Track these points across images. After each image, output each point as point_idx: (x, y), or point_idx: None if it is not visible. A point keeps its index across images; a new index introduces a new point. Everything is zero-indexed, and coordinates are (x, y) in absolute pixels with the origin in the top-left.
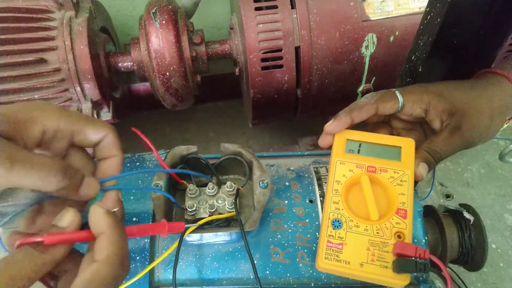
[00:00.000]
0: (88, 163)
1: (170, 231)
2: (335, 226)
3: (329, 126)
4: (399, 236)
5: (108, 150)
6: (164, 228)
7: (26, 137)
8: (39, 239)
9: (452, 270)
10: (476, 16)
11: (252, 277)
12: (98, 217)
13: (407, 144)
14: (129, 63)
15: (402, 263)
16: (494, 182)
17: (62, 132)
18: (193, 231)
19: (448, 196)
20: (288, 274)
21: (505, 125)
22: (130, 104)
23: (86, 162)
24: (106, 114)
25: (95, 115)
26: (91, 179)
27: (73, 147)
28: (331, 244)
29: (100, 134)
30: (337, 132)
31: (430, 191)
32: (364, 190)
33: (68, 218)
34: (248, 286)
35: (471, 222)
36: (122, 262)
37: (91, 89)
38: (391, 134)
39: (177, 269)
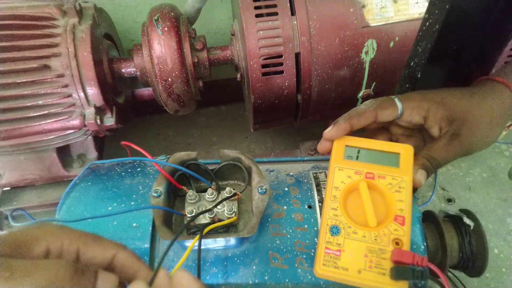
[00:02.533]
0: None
1: None
2: (333, 233)
3: (328, 132)
4: (397, 243)
5: (125, 269)
6: None
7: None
8: None
9: (453, 275)
10: (475, 22)
11: (251, 282)
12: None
13: (405, 151)
14: (132, 69)
15: (399, 270)
16: (496, 186)
17: (67, 251)
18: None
19: (450, 200)
20: (286, 280)
21: (504, 133)
22: (134, 109)
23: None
24: (109, 119)
25: (98, 121)
26: (105, 273)
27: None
28: (329, 251)
29: (107, 253)
30: (336, 138)
31: (431, 195)
32: (362, 196)
33: None
34: None
35: (471, 228)
36: None
37: (94, 95)
38: (390, 140)
39: None
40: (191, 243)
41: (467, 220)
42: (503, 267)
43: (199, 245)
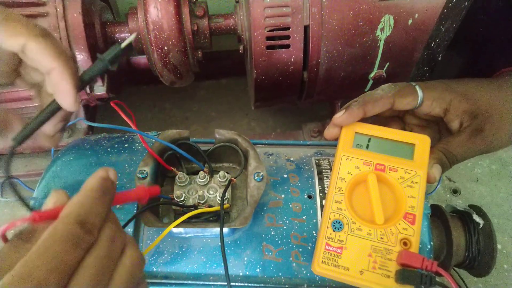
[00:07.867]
0: None
1: (148, 195)
2: (335, 228)
3: (339, 117)
4: (405, 244)
5: (38, 63)
6: (143, 193)
7: None
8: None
9: (454, 270)
10: (506, 2)
11: (241, 274)
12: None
13: (421, 142)
14: (126, 35)
15: (406, 274)
16: (505, 179)
17: None
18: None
19: (455, 191)
20: (280, 274)
21: None
22: (129, 78)
23: None
24: (100, 88)
25: (88, 89)
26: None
27: None
28: (329, 248)
29: (16, 42)
30: (347, 125)
31: (437, 185)
32: (370, 190)
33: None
34: (236, 284)
35: (480, 226)
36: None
37: (84, 61)
38: (404, 130)
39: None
40: (175, 229)
41: (476, 218)
42: (504, 264)
43: (221, 231)
